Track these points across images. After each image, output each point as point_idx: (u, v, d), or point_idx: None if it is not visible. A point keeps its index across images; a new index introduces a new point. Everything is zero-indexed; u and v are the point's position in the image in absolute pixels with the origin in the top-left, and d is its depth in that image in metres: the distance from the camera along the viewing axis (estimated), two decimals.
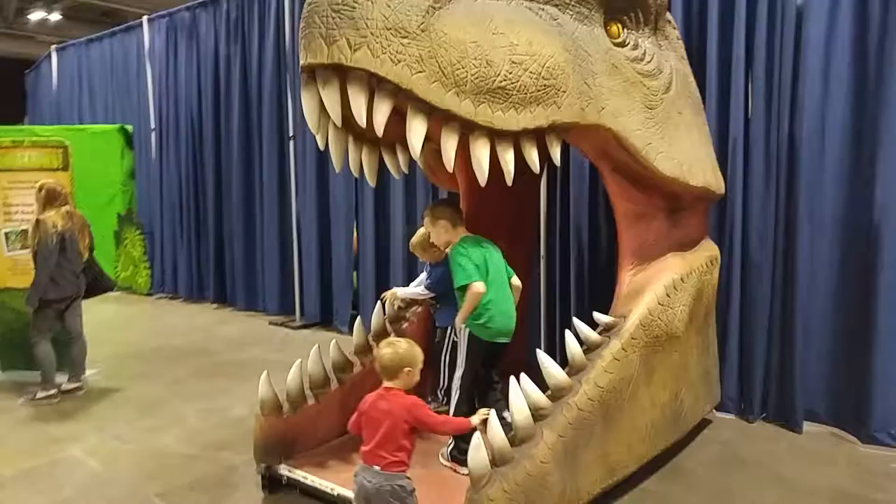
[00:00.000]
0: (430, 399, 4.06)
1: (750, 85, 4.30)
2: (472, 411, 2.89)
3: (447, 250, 3.68)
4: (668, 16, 3.68)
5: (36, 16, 17.45)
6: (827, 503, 3.27)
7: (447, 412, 3.39)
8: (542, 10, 2.86)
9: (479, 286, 3.20)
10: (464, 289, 3.23)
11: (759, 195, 4.25)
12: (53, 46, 11.38)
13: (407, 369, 2.57)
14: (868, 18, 3.96)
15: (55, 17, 17.75)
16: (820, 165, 4.14)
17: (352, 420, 2.67)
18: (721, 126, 4.34)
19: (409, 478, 2.55)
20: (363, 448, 2.57)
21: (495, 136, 2.62)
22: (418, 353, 2.63)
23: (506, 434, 2.58)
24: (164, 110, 8.98)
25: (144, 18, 9.27)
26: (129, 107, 9.69)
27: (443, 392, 3.97)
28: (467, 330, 3.32)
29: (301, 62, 2.46)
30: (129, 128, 9.34)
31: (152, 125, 9.19)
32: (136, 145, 9.36)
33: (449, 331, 3.84)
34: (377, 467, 2.50)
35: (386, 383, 2.60)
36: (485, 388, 3.49)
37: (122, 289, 7.88)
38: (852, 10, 4.01)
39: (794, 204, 4.12)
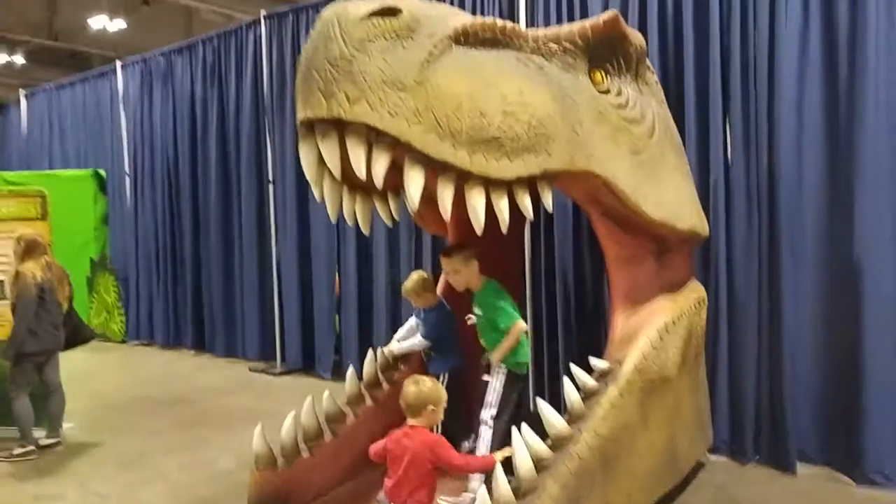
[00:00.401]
0: None
1: (728, 126, 4.40)
2: None
3: (440, 295, 3.74)
4: (647, 62, 3.78)
5: (0, 59, 17.30)
6: None
7: None
8: (530, 59, 2.92)
9: (523, 324, 3.50)
10: (504, 329, 3.44)
11: (741, 235, 4.31)
12: (22, 91, 11.31)
13: (431, 407, 2.68)
14: (837, 56, 4.07)
15: (19, 59, 17.61)
16: (799, 203, 4.21)
17: (375, 447, 2.78)
18: (702, 167, 4.41)
19: None
20: (387, 481, 2.68)
21: (489, 184, 2.64)
22: (442, 393, 2.74)
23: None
24: (139, 155, 8.93)
25: (117, 63, 9.27)
26: (102, 152, 9.63)
27: None
28: (504, 369, 3.47)
29: (299, 116, 2.48)
30: (103, 173, 9.28)
31: (126, 170, 9.11)
32: (110, 190, 9.28)
33: (443, 378, 3.78)
34: None
35: (410, 421, 2.66)
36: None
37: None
38: (821, 50, 4.13)
39: (777, 242, 4.18)
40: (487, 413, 3.45)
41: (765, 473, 4.14)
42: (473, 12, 5.35)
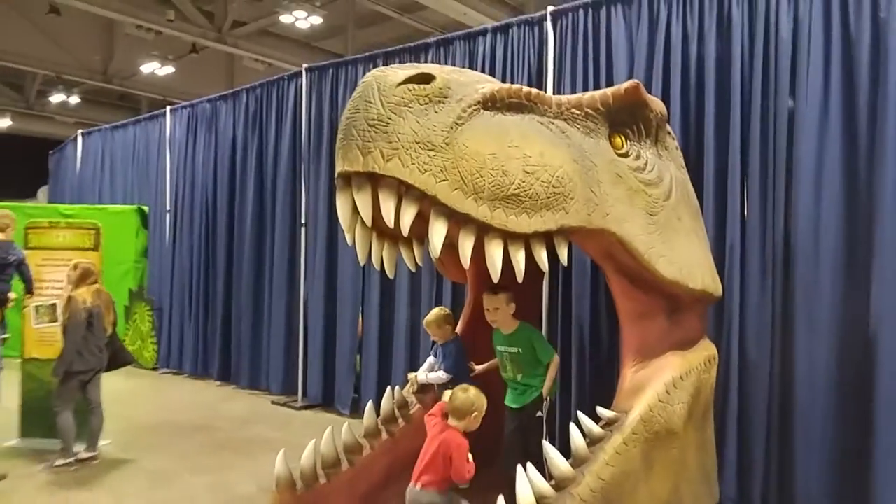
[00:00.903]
0: None
1: (746, 192, 4.49)
2: None
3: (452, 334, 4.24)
4: (668, 127, 3.96)
5: (57, 98, 18.25)
6: None
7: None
8: (553, 123, 3.12)
9: (557, 357, 4.00)
10: (546, 364, 3.95)
11: (755, 298, 4.37)
12: (80, 131, 11.98)
13: (475, 414, 3.13)
14: (857, 127, 4.11)
15: (74, 99, 18.55)
16: (815, 270, 4.19)
17: (428, 417, 3.27)
18: (718, 231, 4.51)
19: (441, 493, 3.08)
20: (416, 465, 3.17)
21: (508, 237, 2.84)
22: (485, 402, 3.19)
23: None
24: (180, 193, 9.33)
25: (167, 109, 9.78)
26: (146, 189, 10.08)
27: None
28: (548, 398, 3.97)
29: (338, 169, 2.74)
30: (146, 208, 9.74)
31: (168, 207, 9.51)
32: (151, 225, 9.71)
33: None
34: (419, 486, 3.09)
35: (451, 421, 3.04)
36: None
37: None
38: (841, 117, 4.16)
39: (791, 306, 4.24)
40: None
41: None
42: (504, 78, 5.63)
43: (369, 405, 3.94)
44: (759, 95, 4.44)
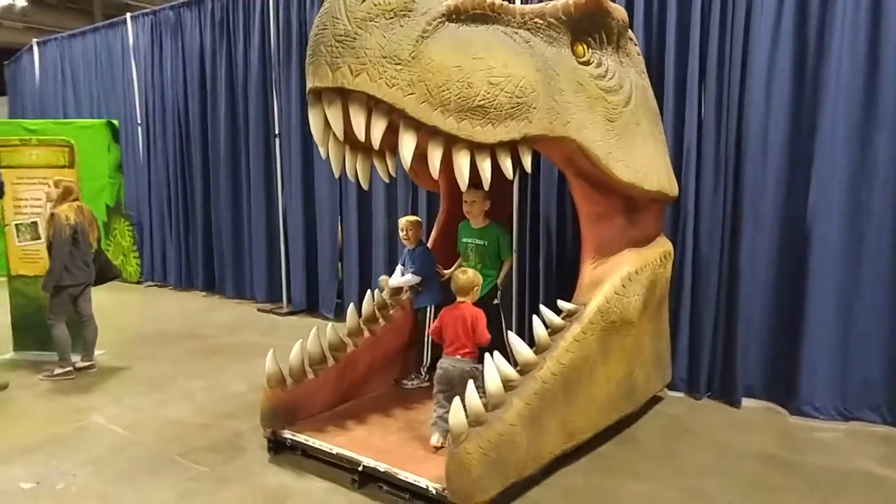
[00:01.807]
0: (413, 376, 4.52)
1: (703, 99, 4.70)
2: None
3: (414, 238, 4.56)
4: (630, 34, 4.05)
5: (2, 1, 17.09)
6: (755, 463, 3.78)
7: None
8: (517, 33, 3.19)
9: (513, 258, 4.64)
10: (503, 259, 4.51)
11: (708, 197, 4.68)
12: (35, 40, 11.52)
13: (476, 288, 3.71)
14: (806, 41, 4.38)
15: (21, 2, 17.41)
16: (762, 172, 4.58)
17: (433, 328, 3.77)
18: (677, 135, 4.75)
19: (477, 362, 3.50)
20: (445, 346, 3.64)
21: (475, 147, 2.98)
22: (480, 279, 3.80)
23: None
24: (151, 105, 9.23)
25: (128, 15, 9.48)
26: (114, 101, 9.91)
27: (425, 369, 4.45)
28: (501, 288, 4.56)
29: (308, 85, 2.84)
30: (115, 122, 9.60)
31: (138, 119, 9.41)
32: (123, 139, 9.60)
33: (430, 311, 4.37)
34: (458, 356, 3.56)
35: (459, 299, 3.66)
36: None
37: None
38: (794, 14, 4.42)
39: (740, 205, 4.57)
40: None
41: (714, 406, 4.65)
42: None
43: (351, 307, 4.22)
44: (718, 8, 4.56)
